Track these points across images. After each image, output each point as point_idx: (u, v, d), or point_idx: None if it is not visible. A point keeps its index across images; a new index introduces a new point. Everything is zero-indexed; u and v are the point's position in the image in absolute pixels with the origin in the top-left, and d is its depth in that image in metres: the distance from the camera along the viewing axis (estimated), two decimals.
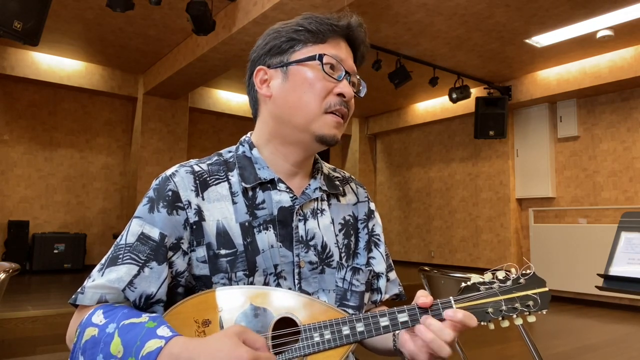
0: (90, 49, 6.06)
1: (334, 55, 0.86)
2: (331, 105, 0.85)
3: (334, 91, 0.86)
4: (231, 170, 0.88)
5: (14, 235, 6.15)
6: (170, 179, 0.84)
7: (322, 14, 0.89)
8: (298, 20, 0.89)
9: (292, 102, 0.86)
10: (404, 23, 4.94)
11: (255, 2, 4.14)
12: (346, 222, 0.95)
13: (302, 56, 0.86)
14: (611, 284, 1.34)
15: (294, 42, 0.87)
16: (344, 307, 0.88)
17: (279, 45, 0.88)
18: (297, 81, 0.86)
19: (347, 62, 0.88)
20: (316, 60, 0.85)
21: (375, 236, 1.00)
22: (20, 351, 3.46)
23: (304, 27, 0.87)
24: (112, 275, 0.77)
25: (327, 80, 0.85)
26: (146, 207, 0.82)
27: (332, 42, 0.88)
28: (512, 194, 6.93)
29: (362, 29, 0.91)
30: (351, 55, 0.91)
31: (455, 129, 7.86)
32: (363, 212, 1.00)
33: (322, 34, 0.87)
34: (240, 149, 0.92)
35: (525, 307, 0.77)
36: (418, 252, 8.31)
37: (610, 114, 6.06)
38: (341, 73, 0.87)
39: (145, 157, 6.71)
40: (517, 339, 3.99)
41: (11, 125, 6.46)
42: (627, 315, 5.29)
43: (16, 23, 3.20)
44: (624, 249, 1.37)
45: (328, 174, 0.99)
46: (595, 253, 5.56)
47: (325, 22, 0.87)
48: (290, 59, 0.87)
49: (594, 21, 4.81)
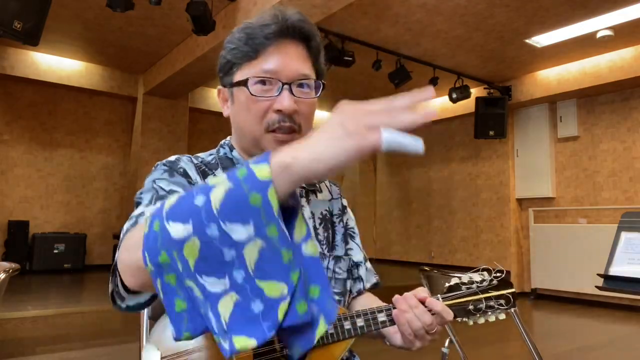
0: (90, 49, 6.06)
1: (266, 70, 0.83)
2: (270, 125, 0.83)
3: (272, 107, 0.83)
4: (215, 169, 0.91)
5: (14, 235, 6.15)
6: (177, 162, 0.87)
7: (259, 20, 0.86)
8: (237, 34, 0.87)
9: (239, 124, 0.89)
10: (404, 23, 4.94)
11: (255, 2, 4.14)
12: (324, 217, 1.00)
13: (238, 79, 0.86)
14: (611, 284, 1.35)
15: (231, 64, 0.87)
16: None
17: (223, 67, 0.90)
18: (238, 104, 0.87)
19: (287, 69, 0.83)
20: (242, 86, 0.84)
21: (350, 229, 1.05)
22: (20, 351, 3.46)
23: (236, 47, 0.86)
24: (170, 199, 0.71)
25: (261, 100, 0.83)
26: (166, 174, 0.83)
27: (267, 53, 0.84)
28: (512, 194, 6.93)
29: (303, 23, 0.86)
30: (298, 54, 0.86)
31: (455, 129, 7.86)
32: (337, 207, 1.04)
33: (253, 49, 0.84)
34: (221, 151, 0.95)
35: (499, 305, 0.87)
36: (418, 252, 8.30)
37: (610, 114, 6.06)
38: (277, 86, 0.83)
39: (145, 157, 6.71)
40: (517, 339, 3.99)
41: (11, 125, 6.46)
42: (627, 315, 5.29)
43: (16, 23, 3.20)
44: (624, 249, 1.37)
45: None
46: (595, 253, 5.56)
47: (257, 35, 0.84)
48: (232, 81, 0.88)
49: (594, 21, 4.81)
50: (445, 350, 1.82)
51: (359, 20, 4.89)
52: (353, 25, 5.01)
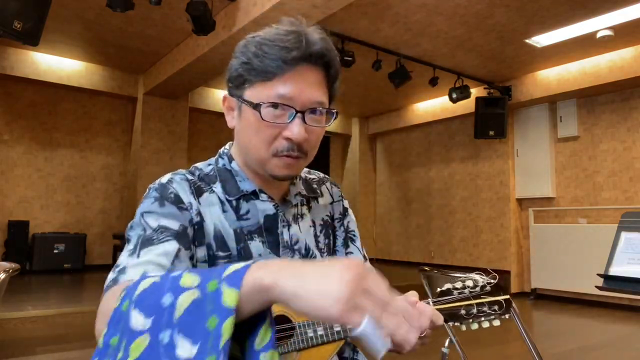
0: (90, 49, 6.06)
1: (281, 95, 0.78)
2: (278, 151, 0.81)
3: (282, 134, 0.80)
4: (213, 183, 0.88)
5: (14, 235, 6.15)
6: (168, 185, 0.84)
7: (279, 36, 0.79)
8: (250, 49, 0.80)
9: (245, 142, 0.85)
10: (404, 23, 4.94)
11: (255, 2, 4.14)
12: (325, 223, 1.00)
13: (249, 96, 0.81)
14: (611, 284, 1.35)
15: (241, 79, 0.82)
16: None
17: (234, 79, 0.84)
18: (246, 123, 0.83)
19: (302, 96, 0.79)
20: (254, 110, 0.80)
21: (351, 232, 1.05)
22: (20, 351, 3.46)
23: (250, 64, 0.80)
24: (156, 251, 0.73)
25: (272, 125, 0.79)
26: (156, 204, 0.80)
27: (284, 77, 0.78)
28: (512, 194, 6.93)
29: (326, 51, 0.81)
30: (316, 79, 0.81)
31: (455, 129, 7.86)
32: (338, 211, 1.04)
33: (269, 72, 0.78)
34: (220, 161, 0.92)
35: (493, 310, 0.85)
36: (418, 252, 8.30)
37: (610, 114, 6.06)
38: (290, 112, 0.79)
39: (145, 157, 6.70)
40: (517, 339, 3.99)
41: (11, 125, 6.45)
42: (627, 315, 5.29)
43: (16, 23, 3.20)
44: (624, 249, 1.37)
45: (305, 177, 1.02)
46: (595, 253, 5.56)
47: (274, 56, 0.78)
48: (242, 96, 0.83)
49: (594, 21, 4.81)
50: (445, 350, 1.82)
51: (359, 20, 4.89)
52: (353, 25, 5.01)
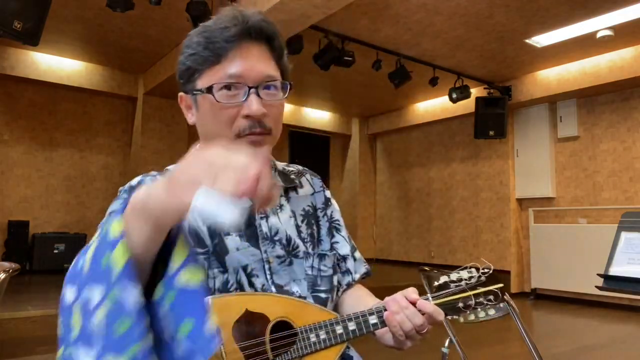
0: (90, 49, 6.06)
1: (230, 75, 0.79)
2: (240, 131, 0.80)
3: (240, 114, 0.80)
4: None
5: (14, 235, 6.15)
6: (138, 187, 0.83)
7: (217, 22, 0.81)
8: (195, 40, 0.82)
9: (206, 133, 0.85)
10: (404, 23, 4.94)
11: (255, 2, 4.14)
12: (307, 213, 0.98)
13: (200, 86, 0.81)
14: (611, 284, 1.35)
15: (192, 70, 0.83)
16: (317, 292, 0.92)
17: (184, 74, 0.85)
18: (204, 112, 0.83)
19: (252, 72, 0.80)
20: (206, 94, 0.80)
21: (335, 222, 1.04)
22: (20, 351, 3.46)
23: (196, 52, 0.81)
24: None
25: (228, 106, 0.80)
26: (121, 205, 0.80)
27: (229, 57, 0.80)
28: (512, 194, 6.93)
29: (263, 23, 0.83)
30: (262, 54, 0.83)
31: (455, 129, 7.86)
32: (320, 201, 1.03)
33: (214, 54, 0.80)
34: None
35: (488, 300, 0.88)
36: (418, 252, 8.30)
37: (610, 114, 6.06)
38: (243, 91, 0.80)
39: (145, 157, 6.70)
40: (517, 339, 3.99)
41: (11, 125, 6.45)
42: (627, 315, 5.29)
43: (16, 23, 3.20)
44: (624, 249, 1.37)
45: (282, 169, 1.01)
46: (595, 253, 5.56)
47: (217, 39, 0.79)
48: (194, 88, 0.83)
49: (594, 21, 4.80)
50: (445, 350, 1.82)
51: (359, 20, 4.89)
52: (353, 25, 5.01)
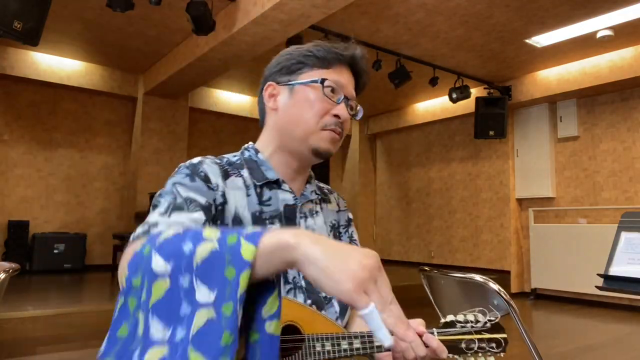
0: (90, 49, 6.06)
1: (336, 80, 0.95)
2: (327, 124, 0.95)
3: (331, 112, 0.95)
4: (241, 169, 0.97)
5: (14, 235, 6.15)
6: (199, 165, 0.91)
7: (331, 44, 0.98)
8: (309, 46, 0.98)
9: (293, 117, 0.96)
10: (404, 23, 4.94)
11: (255, 2, 4.14)
12: (333, 226, 1.08)
13: (307, 79, 0.96)
14: (611, 284, 1.34)
15: (301, 65, 0.97)
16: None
17: (289, 66, 0.98)
18: (300, 99, 0.96)
19: (347, 88, 0.98)
20: (318, 83, 0.94)
21: (354, 241, 1.12)
22: (20, 351, 3.47)
23: (312, 53, 0.96)
24: (185, 216, 0.80)
25: (326, 101, 0.95)
26: (187, 178, 0.88)
27: (336, 69, 0.97)
28: (512, 194, 6.93)
29: (364, 61, 1.00)
30: (353, 83, 1.00)
31: (455, 129, 7.86)
32: (344, 219, 1.12)
33: (327, 61, 0.96)
34: (245, 153, 1.01)
35: (491, 347, 0.90)
36: (418, 252, 8.30)
37: (610, 114, 6.06)
38: (340, 97, 0.96)
39: (145, 157, 6.70)
40: (517, 339, 3.98)
41: (11, 125, 6.45)
42: (627, 315, 5.29)
43: (16, 23, 3.20)
44: (624, 249, 1.37)
45: (317, 183, 1.11)
46: (595, 253, 5.56)
47: (332, 51, 0.96)
48: (297, 79, 0.97)
49: (594, 21, 4.81)
50: None
51: (359, 20, 4.89)
52: (353, 25, 5.01)
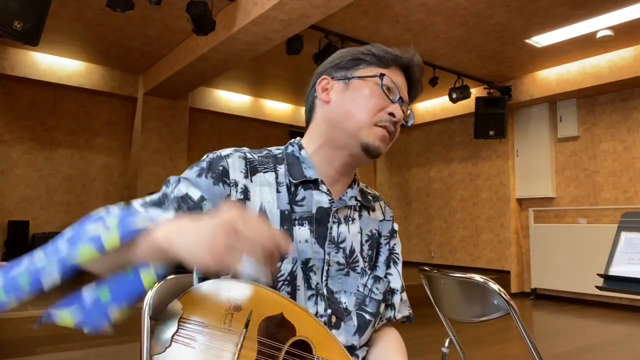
0: (90, 49, 6.06)
1: (395, 82, 0.95)
2: (381, 121, 0.93)
3: (386, 109, 0.93)
4: (280, 164, 0.95)
5: (14, 235, 6.15)
6: (224, 159, 0.91)
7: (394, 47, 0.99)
8: (366, 46, 0.98)
9: (347, 109, 0.94)
10: (404, 23, 4.94)
11: (255, 2, 4.14)
12: (372, 235, 1.02)
13: (365, 74, 0.95)
14: (611, 284, 1.35)
15: (359, 61, 0.96)
16: (362, 311, 0.94)
17: (345, 62, 0.97)
18: (356, 92, 0.94)
19: (403, 90, 0.97)
20: (377, 78, 0.94)
21: (395, 254, 1.07)
22: (20, 351, 3.47)
23: (371, 52, 0.96)
24: (159, 212, 0.84)
25: (382, 98, 0.93)
26: (196, 173, 0.89)
27: (392, 70, 0.96)
28: (512, 194, 6.93)
29: (420, 70, 1.00)
30: (407, 88, 0.99)
31: (455, 129, 7.86)
32: (387, 229, 1.07)
33: (386, 60, 0.96)
34: (289, 148, 0.99)
35: None
36: (418, 252, 8.30)
37: (610, 114, 6.06)
38: (396, 96, 0.95)
39: (145, 157, 6.70)
40: (517, 339, 3.99)
41: (11, 125, 6.45)
42: (627, 315, 5.29)
43: (16, 23, 3.20)
44: (624, 249, 1.37)
45: (362, 188, 1.07)
46: (595, 253, 5.56)
47: (391, 52, 0.96)
48: (353, 74, 0.96)
49: (594, 21, 4.80)
50: (445, 351, 1.82)
51: (359, 20, 4.89)
52: (353, 25, 5.01)
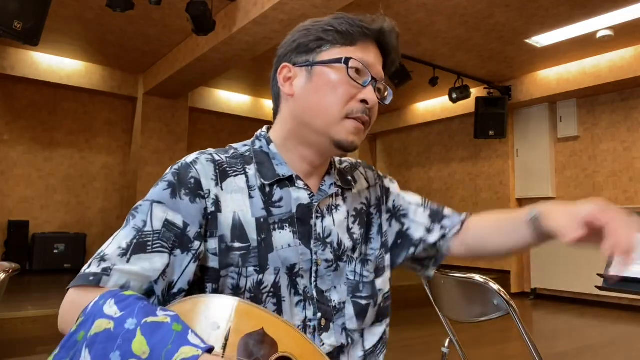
0: (90, 49, 6.06)
1: (362, 59, 0.83)
2: (353, 112, 0.83)
3: (357, 97, 0.83)
4: (248, 164, 0.86)
5: (14, 235, 6.15)
6: (191, 166, 0.82)
7: (354, 15, 0.86)
8: (329, 19, 0.85)
9: (313, 104, 0.84)
10: (404, 23, 4.94)
11: (255, 2, 4.14)
12: (359, 212, 0.94)
13: (328, 57, 0.83)
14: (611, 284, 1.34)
15: (321, 41, 0.84)
16: (357, 298, 0.88)
17: (307, 44, 0.85)
18: (321, 83, 0.83)
19: (375, 67, 0.86)
20: (342, 64, 0.82)
21: (400, 210, 1.01)
22: (20, 351, 3.47)
23: (333, 28, 0.84)
24: (145, 264, 0.74)
25: (351, 85, 0.83)
26: (167, 192, 0.79)
27: (361, 45, 0.85)
28: (512, 194, 6.93)
29: (394, 34, 0.88)
30: (380, 60, 0.88)
31: (455, 129, 7.86)
32: (375, 196, 0.99)
33: (351, 36, 0.84)
34: (257, 143, 0.90)
35: None
36: None
37: (610, 114, 6.05)
38: (367, 79, 0.84)
39: (145, 157, 6.70)
40: (517, 339, 3.99)
41: (11, 125, 6.45)
42: (627, 315, 5.29)
43: (16, 23, 3.20)
44: None
45: (339, 168, 0.98)
46: (595, 253, 5.53)
47: (357, 24, 0.84)
48: (316, 59, 0.84)
49: (594, 21, 4.80)
50: (445, 350, 1.82)
51: None
52: None
